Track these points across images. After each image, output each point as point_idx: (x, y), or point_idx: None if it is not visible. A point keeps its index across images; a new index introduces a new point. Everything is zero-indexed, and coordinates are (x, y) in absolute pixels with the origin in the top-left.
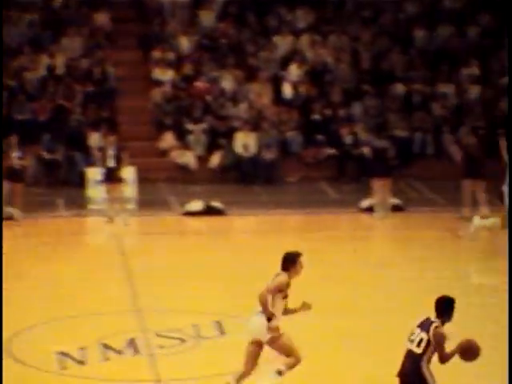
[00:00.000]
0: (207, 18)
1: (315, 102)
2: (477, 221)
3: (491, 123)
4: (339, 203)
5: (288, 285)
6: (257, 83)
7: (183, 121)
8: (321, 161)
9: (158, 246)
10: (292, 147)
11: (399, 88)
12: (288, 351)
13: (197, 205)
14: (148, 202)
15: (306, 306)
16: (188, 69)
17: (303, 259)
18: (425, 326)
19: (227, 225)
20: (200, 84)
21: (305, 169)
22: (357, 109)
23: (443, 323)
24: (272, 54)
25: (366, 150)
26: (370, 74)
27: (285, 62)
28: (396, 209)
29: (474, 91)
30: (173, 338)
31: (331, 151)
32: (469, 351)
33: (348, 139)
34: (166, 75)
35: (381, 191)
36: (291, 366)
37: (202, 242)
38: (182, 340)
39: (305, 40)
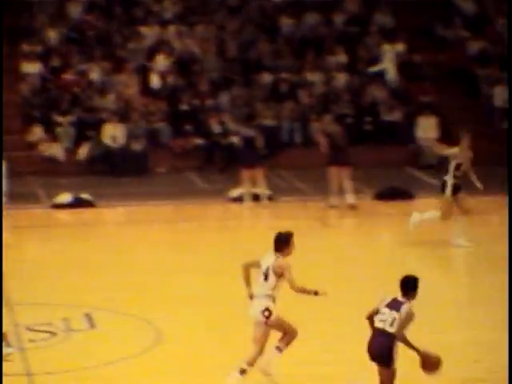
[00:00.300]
0: (74, 10)
1: (183, 92)
2: (415, 216)
3: (358, 111)
4: (208, 193)
5: None
6: (124, 74)
7: (51, 113)
8: (189, 151)
9: (28, 239)
10: (160, 138)
11: (266, 77)
12: (284, 328)
13: (65, 197)
14: (16, 195)
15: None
16: (56, 61)
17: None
18: (395, 306)
19: (96, 216)
20: (68, 76)
21: (173, 159)
22: (224, 98)
23: (409, 301)
24: (139, 45)
25: (234, 140)
26: (237, 64)
27: (152, 53)
28: (265, 198)
29: (341, 79)
30: (43, 331)
31: (199, 141)
32: (429, 362)
33: (216, 129)
34: (34, 68)
35: (249, 181)
36: (288, 342)
37: (71, 235)
38: (53, 333)
39: (172, 30)
